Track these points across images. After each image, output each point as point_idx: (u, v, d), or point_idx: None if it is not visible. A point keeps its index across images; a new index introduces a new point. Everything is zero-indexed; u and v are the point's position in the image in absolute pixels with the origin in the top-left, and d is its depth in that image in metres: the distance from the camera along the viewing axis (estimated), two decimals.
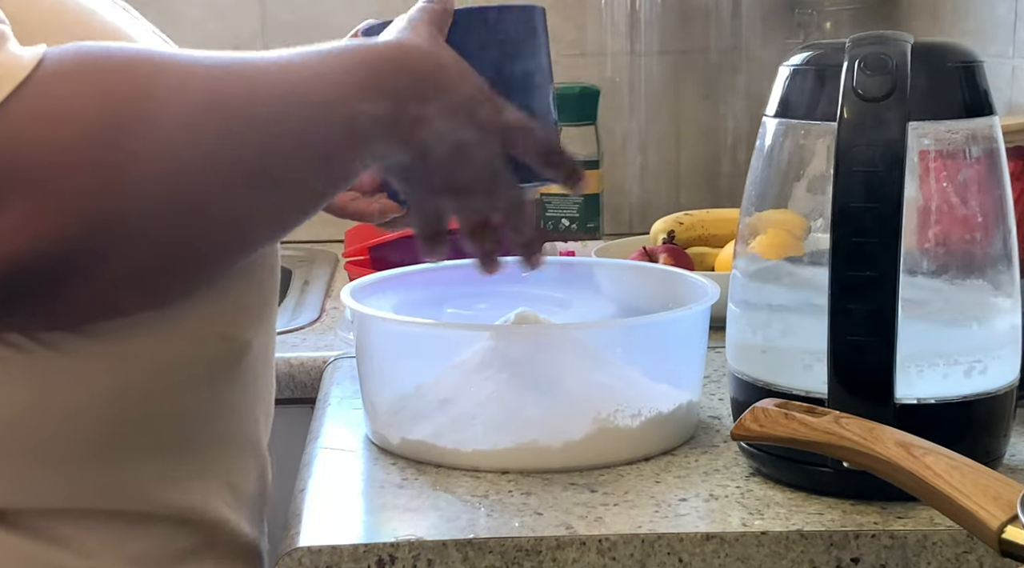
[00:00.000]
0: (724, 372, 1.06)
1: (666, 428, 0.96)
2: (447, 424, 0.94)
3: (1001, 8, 1.54)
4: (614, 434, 0.94)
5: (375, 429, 0.99)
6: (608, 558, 0.81)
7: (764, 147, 0.92)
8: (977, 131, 0.88)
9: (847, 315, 0.82)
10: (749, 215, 0.93)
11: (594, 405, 0.93)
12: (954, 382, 0.87)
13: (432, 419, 0.95)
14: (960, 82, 0.87)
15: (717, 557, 0.81)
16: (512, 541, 0.81)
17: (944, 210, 0.89)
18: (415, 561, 0.80)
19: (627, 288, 1.12)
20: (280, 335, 1.41)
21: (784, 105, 0.90)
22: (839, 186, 0.82)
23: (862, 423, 0.76)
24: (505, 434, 0.92)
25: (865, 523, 0.82)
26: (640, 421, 0.94)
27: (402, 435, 0.96)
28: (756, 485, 0.89)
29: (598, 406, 0.93)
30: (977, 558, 0.81)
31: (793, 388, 0.88)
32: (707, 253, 1.46)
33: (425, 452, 0.94)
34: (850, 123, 0.82)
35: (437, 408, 0.95)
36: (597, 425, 0.93)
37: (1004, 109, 1.49)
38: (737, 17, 1.87)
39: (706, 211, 1.55)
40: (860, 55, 0.83)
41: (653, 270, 1.19)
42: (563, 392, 0.94)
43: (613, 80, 1.87)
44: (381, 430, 0.98)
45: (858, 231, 0.82)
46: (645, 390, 0.96)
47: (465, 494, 0.88)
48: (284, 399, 1.31)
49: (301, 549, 0.81)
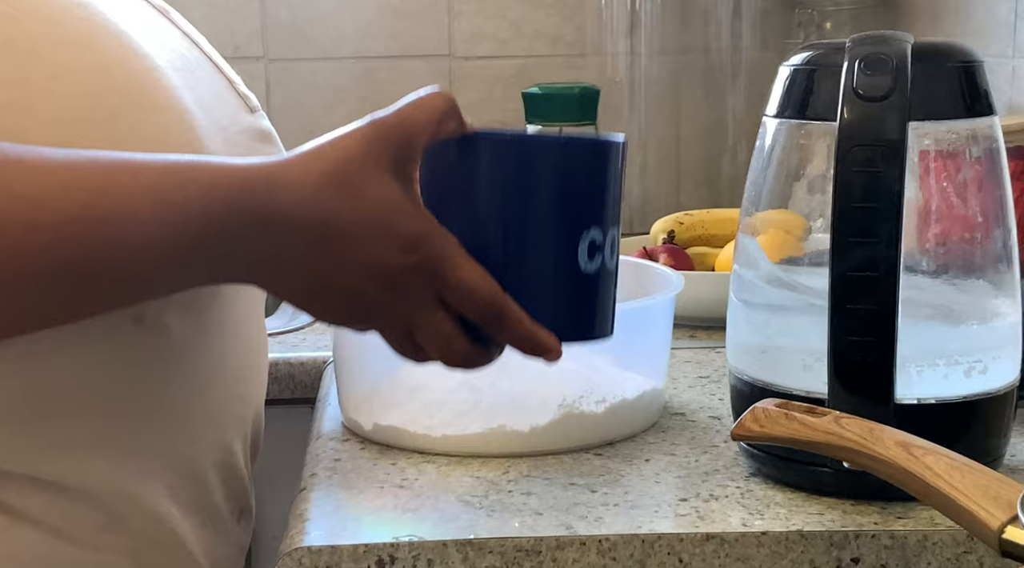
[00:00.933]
0: (724, 372, 1.06)
1: (631, 414, 0.99)
2: (418, 410, 0.97)
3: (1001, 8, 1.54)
4: (579, 419, 0.97)
5: (348, 415, 1.02)
6: (608, 558, 0.81)
7: (764, 147, 0.92)
8: (977, 131, 0.88)
9: (847, 315, 0.82)
10: (749, 215, 0.93)
11: (560, 391, 0.96)
12: (954, 382, 0.87)
13: (404, 406, 0.98)
14: (960, 82, 0.87)
15: (717, 557, 0.81)
16: (512, 541, 0.81)
17: (944, 210, 0.89)
18: (415, 561, 0.80)
19: None
20: (280, 335, 1.41)
21: (784, 105, 0.90)
22: (839, 186, 0.82)
23: (862, 423, 0.76)
24: (474, 420, 0.95)
25: (865, 523, 0.82)
26: (605, 407, 0.98)
27: (374, 421, 0.98)
28: (756, 485, 0.89)
29: (564, 392, 0.96)
30: (977, 558, 0.81)
31: (793, 388, 0.88)
32: (707, 253, 1.46)
33: (396, 437, 0.97)
34: (850, 123, 0.82)
35: (409, 395, 0.98)
36: (563, 411, 0.96)
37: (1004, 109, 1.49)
38: (737, 17, 1.86)
39: (706, 211, 1.55)
40: (860, 55, 0.83)
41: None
42: (530, 379, 0.96)
43: (613, 80, 1.87)
44: (353, 416, 1.01)
45: (858, 231, 0.82)
46: (610, 377, 0.99)
47: (465, 494, 0.88)
48: (284, 399, 1.32)
49: (301, 549, 0.81)
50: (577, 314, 0.78)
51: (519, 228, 0.75)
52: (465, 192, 0.75)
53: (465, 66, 1.92)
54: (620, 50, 1.88)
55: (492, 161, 0.76)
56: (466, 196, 0.76)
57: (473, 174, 0.75)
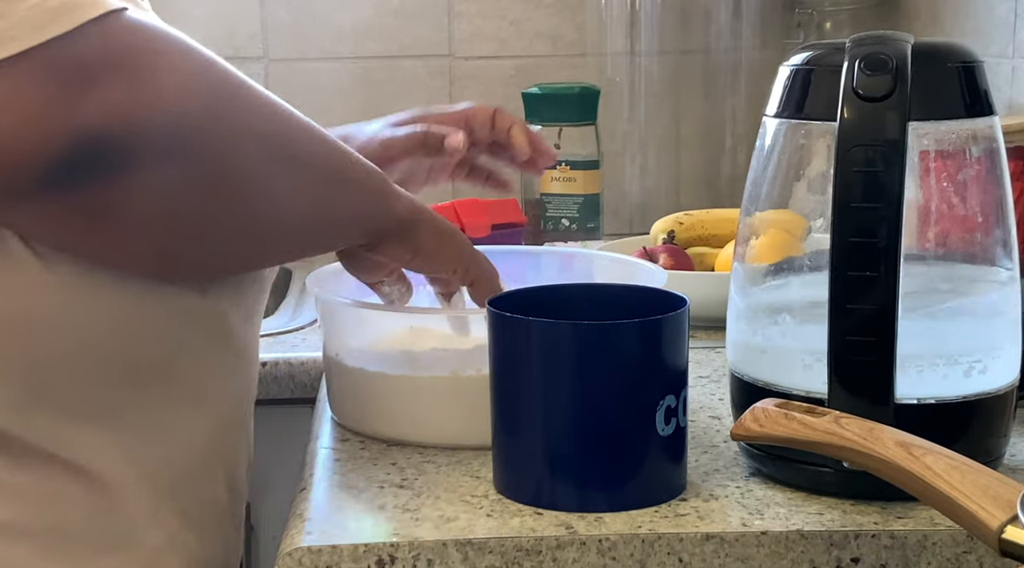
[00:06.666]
0: (724, 372, 1.06)
1: None
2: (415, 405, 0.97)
3: (1001, 8, 1.54)
4: None
5: (342, 415, 1.02)
6: (608, 558, 0.81)
7: (764, 147, 0.92)
8: (977, 131, 0.88)
9: (847, 315, 0.82)
10: (749, 215, 0.93)
11: None
12: (954, 382, 0.87)
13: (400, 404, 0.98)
14: (960, 82, 0.87)
15: (717, 557, 0.81)
16: (512, 541, 0.81)
17: (944, 210, 0.89)
18: (415, 561, 0.80)
19: (578, 275, 1.15)
20: (280, 335, 1.42)
21: (784, 105, 0.90)
22: (839, 186, 0.82)
23: (862, 423, 0.76)
24: (474, 415, 0.94)
25: (865, 523, 0.82)
26: None
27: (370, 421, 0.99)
28: (756, 485, 0.89)
29: None
30: (977, 558, 0.81)
31: (793, 388, 0.88)
32: (707, 253, 1.46)
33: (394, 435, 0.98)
34: (850, 123, 0.82)
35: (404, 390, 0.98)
36: None
37: (1004, 109, 1.49)
38: (737, 17, 1.86)
39: (706, 211, 1.55)
40: (860, 55, 0.83)
41: (599, 257, 1.20)
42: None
43: (613, 80, 1.87)
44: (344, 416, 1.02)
45: (858, 231, 0.82)
46: None
47: (465, 494, 0.88)
48: (284, 399, 1.32)
49: (301, 549, 0.81)
50: (661, 476, 0.86)
51: (597, 406, 0.83)
52: (540, 368, 0.84)
53: (465, 66, 1.92)
54: (620, 50, 1.88)
55: (567, 344, 0.83)
56: (541, 372, 0.84)
57: (548, 353, 0.84)
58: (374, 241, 0.91)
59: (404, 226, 0.91)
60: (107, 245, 0.79)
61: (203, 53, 0.79)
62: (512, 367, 0.86)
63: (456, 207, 1.56)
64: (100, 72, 0.73)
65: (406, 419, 0.97)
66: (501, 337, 0.86)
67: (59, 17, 0.72)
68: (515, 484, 0.86)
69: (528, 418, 0.85)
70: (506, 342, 0.85)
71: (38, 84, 0.71)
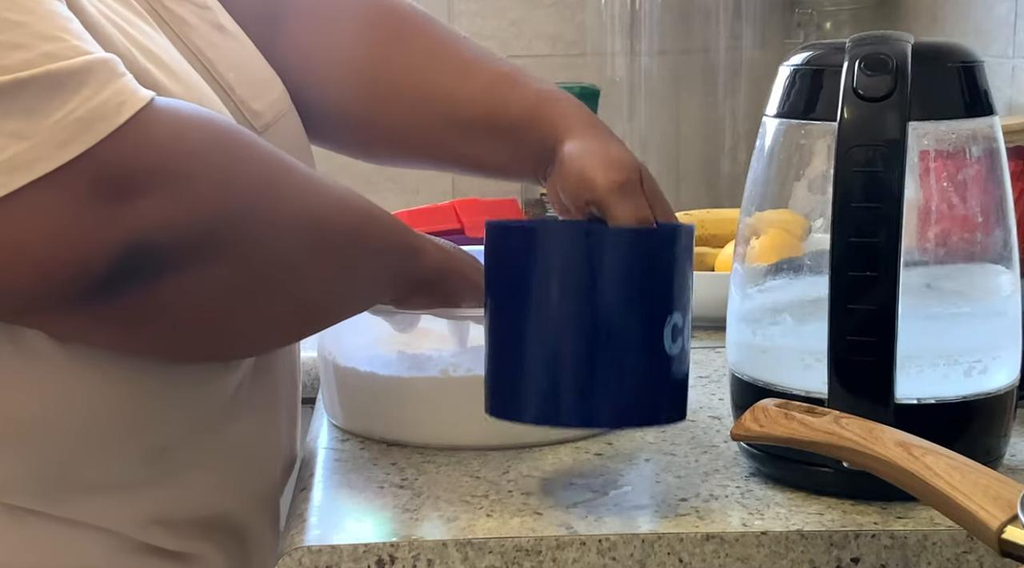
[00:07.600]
0: (724, 372, 1.06)
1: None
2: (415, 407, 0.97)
3: (1001, 8, 1.55)
4: None
5: (339, 416, 1.02)
6: (608, 558, 0.81)
7: (764, 147, 0.92)
8: (977, 131, 0.88)
9: (847, 315, 0.82)
10: (749, 215, 0.93)
11: None
12: (954, 382, 0.87)
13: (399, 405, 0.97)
14: (960, 82, 0.87)
15: (717, 557, 0.81)
16: (512, 541, 0.81)
17: (944, 210, 0.89)
18: (415, 561, 0.80)
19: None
20: None
21: (784, 105, 0.90)
22: (839, 186, 0.82)
23: (862, 423, 0.76)
24: (472, 414, 0.94)
25: (865, 523, 0.82)
26: None
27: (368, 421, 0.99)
28: (756, 485, 0.89)
29: None
30: (977, 558, 0.81)
31: (793, 388, 0.88)
32: (707, 253, 1.46)
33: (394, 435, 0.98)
34: (850, 123, 0.82)
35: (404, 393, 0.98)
36: None
37: (1004, 109, 1.49)
38: (737, 17, 1.87)
39: (706, 211, 1.54)
40: (860, 55, 0.83)
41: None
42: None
43: (613, 80, 1.87)
44: (341, 417, 1.01)
45: (858, 231, 0.82)
46: None
47: (465, 494, 0.88)
48: None
49: (301, 549, 0.81)
50: (666, 395, 0.84)
51: (608, 317, 0.81)
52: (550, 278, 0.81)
53: None
54: (620, 50, 1.88)
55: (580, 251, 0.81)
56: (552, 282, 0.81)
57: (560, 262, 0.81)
58: (400, 298, 0.90)
59: (431, 280, 0.89)
60: (140, 344, 0.78)
61: (238, 137, 0.77)
62: (516, 280, 0.82)
63: (456, 207, 1.56)
64: (137, 181, 0.70)
65: (398, 420, 0.97)
66: (503, 250, 0.83)
67: (89, 128, 0.69)
68: (515, 404, 0.84)
69: (534, 331, 0.82)
70: (511, 255, 0.83)
71: (72, 203, 0.69)
